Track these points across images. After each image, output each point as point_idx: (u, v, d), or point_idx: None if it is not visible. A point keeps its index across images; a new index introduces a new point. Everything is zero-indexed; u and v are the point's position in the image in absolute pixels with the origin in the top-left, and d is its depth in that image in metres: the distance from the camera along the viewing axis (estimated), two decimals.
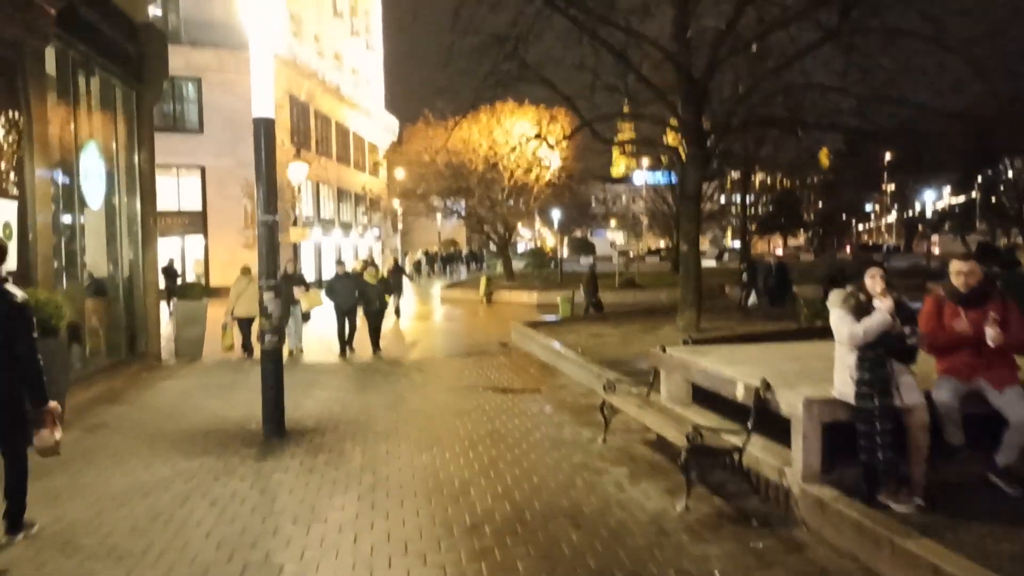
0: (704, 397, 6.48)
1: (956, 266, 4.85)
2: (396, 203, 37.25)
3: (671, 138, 25.37)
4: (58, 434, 4.40)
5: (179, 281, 21.95)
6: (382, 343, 13.29)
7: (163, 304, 13.32)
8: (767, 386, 4.92)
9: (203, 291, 13.43)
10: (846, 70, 11.51)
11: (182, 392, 9.49)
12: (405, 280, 25.23)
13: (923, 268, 33.12)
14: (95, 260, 10.55)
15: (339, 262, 13.28)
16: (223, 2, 28.63)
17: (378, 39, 47.41)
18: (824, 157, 41.09)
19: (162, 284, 22.41)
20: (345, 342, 12.73)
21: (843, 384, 4.63)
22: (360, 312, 12.98)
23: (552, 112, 28.35)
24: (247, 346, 12.22)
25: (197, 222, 28.58)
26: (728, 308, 18.87)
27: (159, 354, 11.94)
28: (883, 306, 4.44)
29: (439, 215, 50.36)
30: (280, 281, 7.23)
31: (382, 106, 47.53)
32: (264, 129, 6.78)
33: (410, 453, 6.44)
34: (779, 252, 49.93)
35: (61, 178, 9.00)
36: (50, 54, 8.69)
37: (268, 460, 6.28)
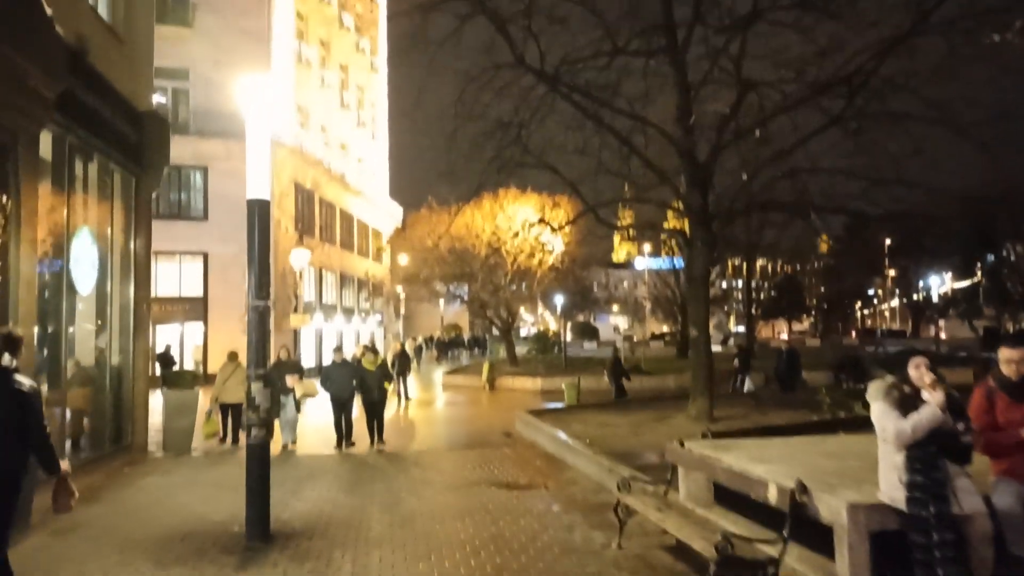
0: (727, 496, 5.93)
1: (1006, 353, 4.41)
2: (399, 289, 37.24)
3: (673, 222, 25.41)
4: (74, 498, 4.65)
5: (175, 368, 21.43)
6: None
7: (158, 393, 12.77)
8: (803, 488, 4.40)
9: (194, 379, 12.92)
10: (852, 154, 11.42)
11: (164, 489, 8.88)
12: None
13: (933, 354, 32.51)
14: (83, 348, 10.15)
15: (337, 349, 12.52)
16: (231, 93, 29.36)
17: (383, 130, 48.50)
18: (824, 243, 41.42)
19: (158, 371, 22.03)
20: (342, 435, 11.92)
21: (891, 487, 4.12)
22: (359, 401, 12.30)
23: (555, 198, 28.60)
24: (234, 435, 11.86)
25: (198, 308, 28.29)
26: (739, 394, 18.27)
27: (146, 446, 11.35)
28: (934, 400, 3.99)
29: (442, 301, 50.23)
30: (271, 370, 6.78)
31: (386, 194, 48.14)
32: (258, 211, 6.51)
33: (406, 562, 5.83)
34: (784, 337, 49.43)
35: (50, 264, 8.72)
36: (46, 138, 8.56)
37: (248, 570, 5.68)
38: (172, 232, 28.36)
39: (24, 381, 4.44)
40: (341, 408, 11.79)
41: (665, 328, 67.13)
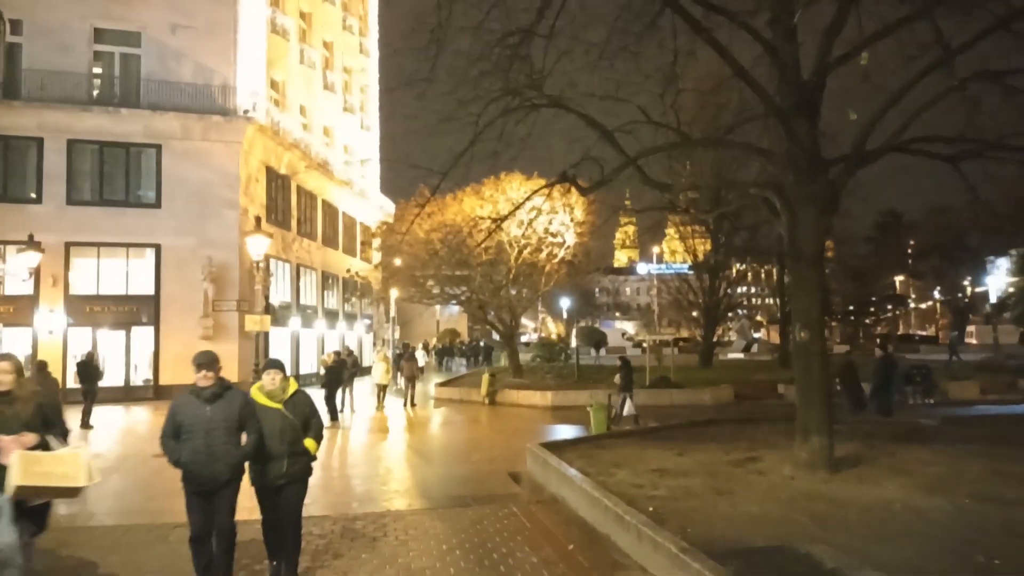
0: None
1: None
2: (394, 292, 32.92)
3: (681, 196, 21.36)
4: None
5: (99, 383, 17.25)
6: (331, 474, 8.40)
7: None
8: None
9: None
10: None
11: None
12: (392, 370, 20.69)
13: (1003, 363, 28.33)
14: None
15: (203, 362, 5.04)
16: (192, 61, 25.40)
17: (375, 120, 44.44)
18: (830, 249, 37.20)
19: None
20: (206, 570, 5.14)
21: None
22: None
23: (566, 186, 24.44)
24: None
25: (148, 309, 24.06)
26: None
27: None
28: None
29: (438, 305, 45.92)
30: None
31: (377, 188, 44.04)
32: None
33: None
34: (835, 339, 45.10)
35: None
36: None
37: None
38: (119, 221, 24.34)
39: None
40: (205, 502, 5.06)
41: (666, 335, 62.93)
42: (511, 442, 14.27)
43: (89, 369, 16.63)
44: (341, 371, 17.36)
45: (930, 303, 66.61)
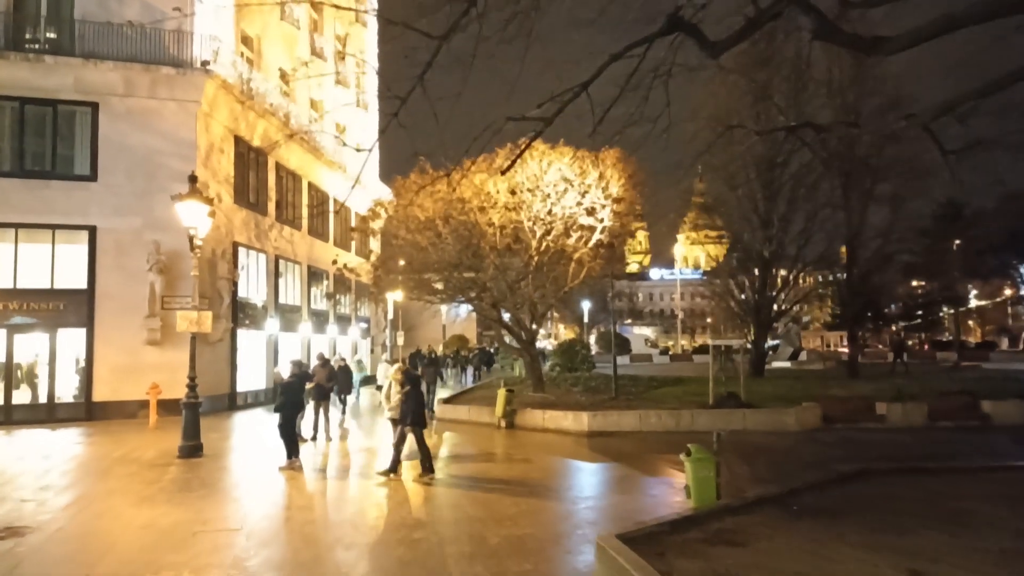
0: None
1: None
2: (394, 295, 27.85)
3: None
4: None
5: None
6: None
7: None
8: None
9: None
10: None
11: None
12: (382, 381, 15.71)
13: None
14: None
15: None
16: (137, 1, 20.63)
17: (373, 98, 39.60)
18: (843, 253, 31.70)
19: None
20: None
21: None
22: None
23: (598, 154, 19.50)
24: None
25: (79, 307, 19.24)
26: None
27: None
28: None
29: (443, 307, 40.97)
30: None
31: (376, 176, 39.14)
32: None
33: None
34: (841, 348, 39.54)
35: None
36: None
37: None
38: (42, 197, 19.42)
39: None
40: None
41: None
42: (549, 503, 9.32)
43: None
44: (302, 388, 12.42)
45: (976, 304, 61.21)
